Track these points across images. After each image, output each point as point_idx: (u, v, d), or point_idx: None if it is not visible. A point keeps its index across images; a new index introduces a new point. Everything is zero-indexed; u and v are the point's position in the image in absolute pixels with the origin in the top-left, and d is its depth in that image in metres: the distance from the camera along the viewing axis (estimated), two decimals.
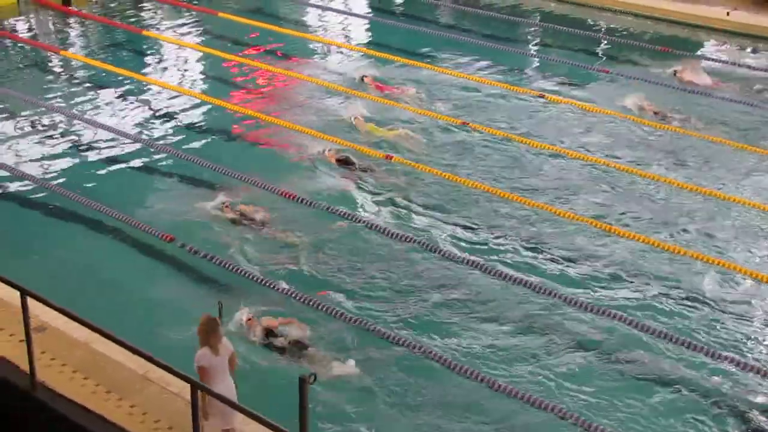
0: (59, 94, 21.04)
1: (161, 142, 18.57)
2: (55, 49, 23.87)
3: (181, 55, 24.14)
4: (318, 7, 28.39)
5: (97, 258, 14.21)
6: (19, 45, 24.64)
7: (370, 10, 28.22)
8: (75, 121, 19.42)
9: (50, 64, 23.22)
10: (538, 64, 23.67)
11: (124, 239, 14.73)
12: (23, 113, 19.84)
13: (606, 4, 27.62)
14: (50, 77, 22.39)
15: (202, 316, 9.77)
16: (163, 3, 28.33)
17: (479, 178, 16.76)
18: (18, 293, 9.01)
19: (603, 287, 13.60)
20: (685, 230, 15.16)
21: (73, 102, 20.57)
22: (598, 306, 12.99)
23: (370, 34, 26.32)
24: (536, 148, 18.21)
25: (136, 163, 17.62)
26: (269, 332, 12.12)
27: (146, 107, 20.43)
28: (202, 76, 22.78)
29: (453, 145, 18.17)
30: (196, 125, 19.58)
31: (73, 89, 21.41)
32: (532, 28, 26.52)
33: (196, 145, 18.40)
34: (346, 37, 25.74)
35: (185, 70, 23.20)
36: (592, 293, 13.45)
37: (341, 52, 24.23)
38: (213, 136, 18.99)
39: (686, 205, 16.03)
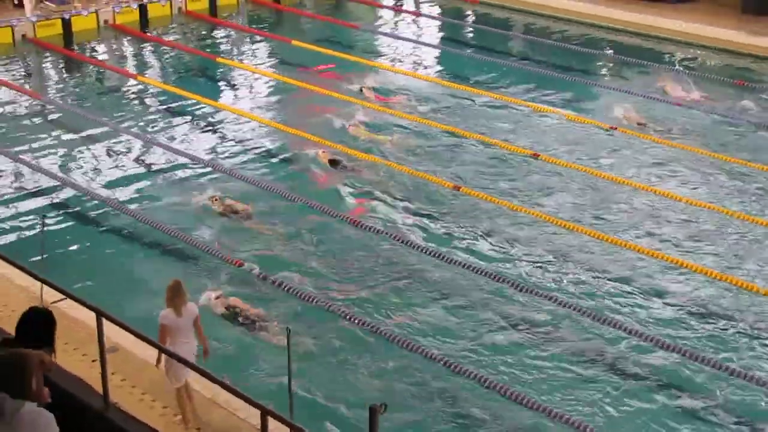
0: (132, 118, 20.83)
1: (230, 166, 18.35)
2: (132, 75, 23.81)
3: (254, 82, 23.87)
4: (390, 35, 28.03)
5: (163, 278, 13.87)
6: (96, 68, 24.64)
7: (440, 40, 27.97)
8: (150, 146, 19.30)
9: (126, 89, 23.02)
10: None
11: (193, 262, 14.68)
12: (97, 136, 19.69)
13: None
14: (125, 101, 22.26)
15: (171, 280, 10.36)
16: (237, 30, 28.30)
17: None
18: (93, 314, 9.12)
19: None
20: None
21: (146, 126, 20.38)
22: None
23: (440, 63, 25.92)
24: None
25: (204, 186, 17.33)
26: (232, 308, 12.80)
27: (219, 133, 20.22)
28: (276, 103, 22.50)
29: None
30: (268, 152, 19.38)
31: (148, 115, 21.26)
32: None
33: (263, 170, 18.32)
34: (416, 64, 25.28)
35: (256, 96, 22.97)
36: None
37: (408, 80, 23.83)
38: (282, 164, 18.79)
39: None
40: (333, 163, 17.76)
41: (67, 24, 26.87)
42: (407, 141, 19.09)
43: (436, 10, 31.08)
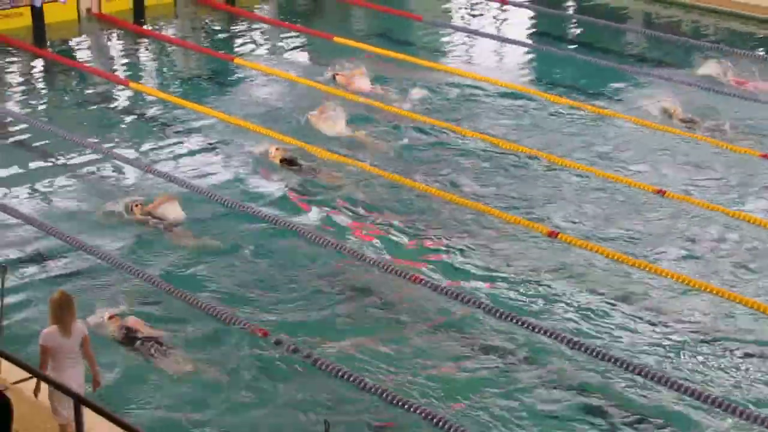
0: (118, 136, 17.80)
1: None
2: (123, 81, 20.01)
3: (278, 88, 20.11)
4: (463, 30, 23.87)
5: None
6: (77, 72, 20.86)
7: (531, 36, 23.99)
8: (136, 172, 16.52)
9: (113, 99, 19.46)
10: None
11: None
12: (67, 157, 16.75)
13: None
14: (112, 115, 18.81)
15: (57, 291, 9.56)
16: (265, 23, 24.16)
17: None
18: None
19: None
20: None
21: (134, 149, 17.30)
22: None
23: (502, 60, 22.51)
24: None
25: None
26: (129, 330, 12.02)
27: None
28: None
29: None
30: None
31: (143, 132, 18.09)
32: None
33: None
34: (469, 63, 21.86)
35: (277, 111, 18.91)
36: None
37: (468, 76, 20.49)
38: None
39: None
40: (287, 162, 16.54)
41: (38, 14, 22.75)
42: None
43: None
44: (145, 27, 23.17)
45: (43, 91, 20.04)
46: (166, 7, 24.14)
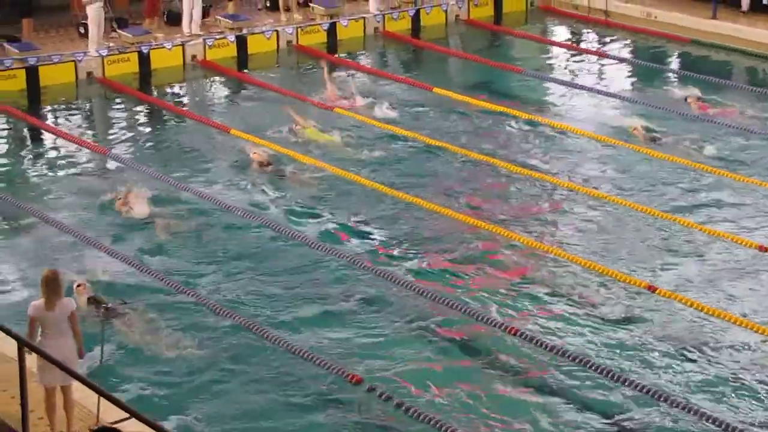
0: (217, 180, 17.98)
1: None
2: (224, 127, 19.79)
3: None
4: (563, 82, 23.00)
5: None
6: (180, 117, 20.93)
7: (632, 89, 22.86)
8: None
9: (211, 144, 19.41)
10: None
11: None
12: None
13: None
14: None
15: (47, 269, 10.48)
16: (361, 71, 23.35)
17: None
18: None
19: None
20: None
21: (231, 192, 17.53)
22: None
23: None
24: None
25: None
26: (94, 300, 13.31)
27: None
28: None
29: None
30: None
31: None
32: None
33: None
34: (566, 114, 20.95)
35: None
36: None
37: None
38: None
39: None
40: (264, 165, 17.81)
41: (145, 60, 22.76)
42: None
43: (626, 51, 25.54)
44: (246, 74, 23.01)
45: (146, 135, 20.11)
46: (268, 55, 23.90)
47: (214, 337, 12.81)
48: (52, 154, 18.99)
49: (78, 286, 13.28)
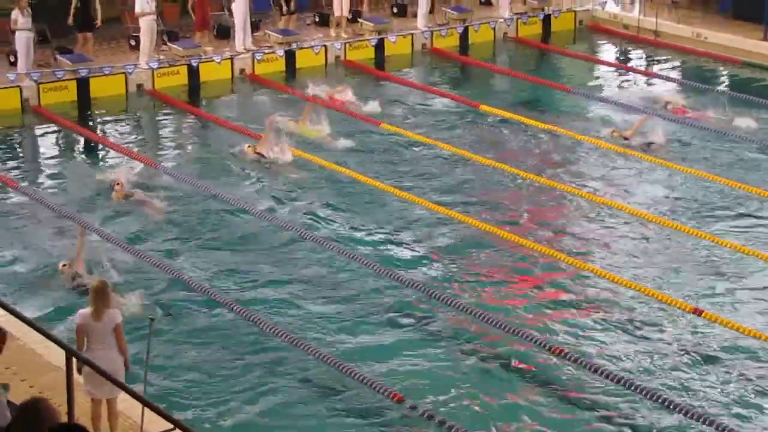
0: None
1: None
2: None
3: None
4: (610, 102, 22.59)
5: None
6: (226, 130, 20.71)
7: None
8: None
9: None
10: None
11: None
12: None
13: None
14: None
15: (97, 280, 11.08)
16: (411, 87, 23.22)
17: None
18: None
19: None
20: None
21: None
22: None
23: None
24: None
25: None
26: (76, 276, 13.99)
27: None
28: None
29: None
30: None
31: None
32: None
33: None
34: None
35: None
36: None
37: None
38: None
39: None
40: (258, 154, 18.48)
41: (194, 73, 22.76)
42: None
43: (675, 71, 25.11)
44: (291, 88, 22.75)
45: (193, 147, 20.26)
46: (316, 70, 23.68)
47: (256, 349, 12.79)
48: (100, 164, 19.07)
49: (63, 266, 14.04)
